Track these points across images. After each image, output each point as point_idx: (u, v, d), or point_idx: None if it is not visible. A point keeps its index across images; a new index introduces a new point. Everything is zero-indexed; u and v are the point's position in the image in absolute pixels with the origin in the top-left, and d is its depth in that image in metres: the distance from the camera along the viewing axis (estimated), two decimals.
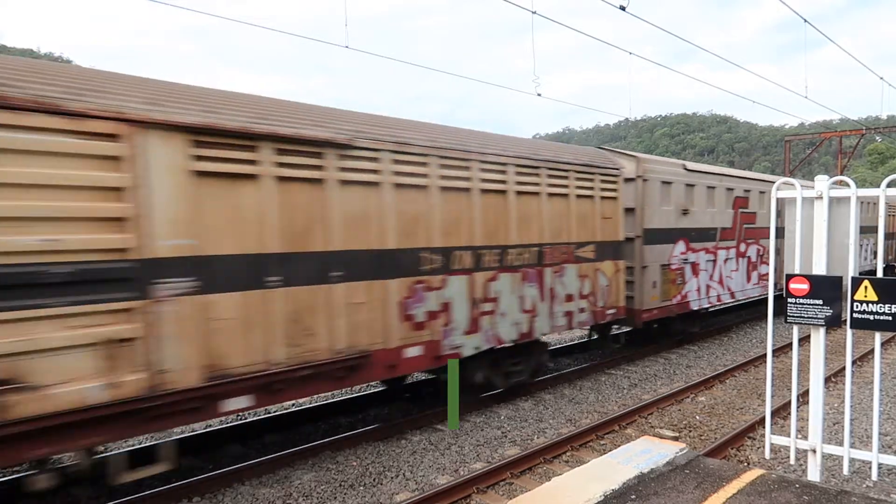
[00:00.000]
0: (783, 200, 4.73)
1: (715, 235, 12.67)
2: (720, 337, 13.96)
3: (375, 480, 6.23)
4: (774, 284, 7.43)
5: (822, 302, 4.47)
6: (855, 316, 4.29)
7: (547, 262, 8.65)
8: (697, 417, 8.27)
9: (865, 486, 5.90)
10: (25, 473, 5.00)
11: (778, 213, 4.92)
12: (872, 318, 4.22)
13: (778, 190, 4.75)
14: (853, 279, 4.31)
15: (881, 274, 4.32)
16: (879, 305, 4.19)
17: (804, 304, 4.54)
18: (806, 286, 4.53)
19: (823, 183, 4.47)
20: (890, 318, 4.15)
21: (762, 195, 14.63)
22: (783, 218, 4.95)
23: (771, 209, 4.83)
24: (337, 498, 5.86)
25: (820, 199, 4.50)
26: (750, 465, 6.54)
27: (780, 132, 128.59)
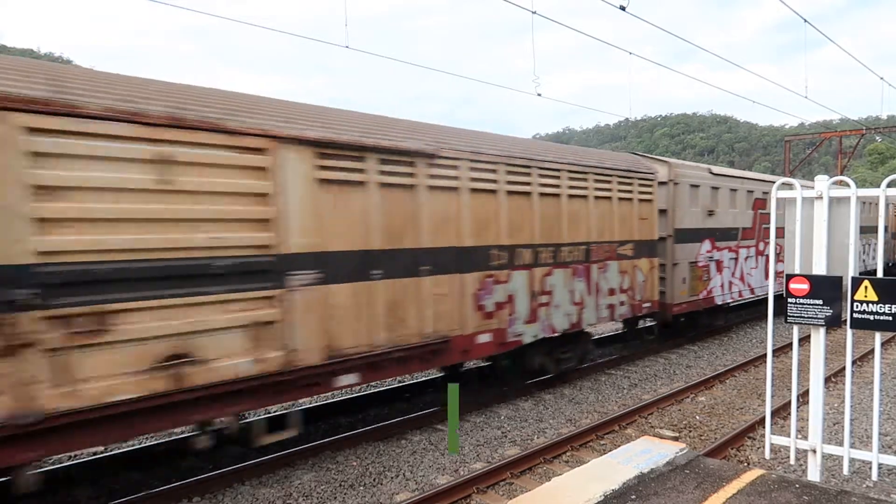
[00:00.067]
0: (783, 200, 4.72)
1: (737, 235, 13.54)
2: (720, 337, 13.93)
3: (375, 480, 6.25)
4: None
5: (822, 302, 4.46)
6: (855, 316, 4.27)
7: (593, 258, 9.50)
8: (697, 417, 8.24)
9: (865, 486, 5.90)
10: (189, 435, 5.83)
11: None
12: (872, 318, 4.20)
13: (778, 190, 4.77)
14: (853, 279, 4.30)
15: (881, 274, 4.30)
16: (879, 305, 4.17)
17: (804, 304, 4.53)
18: (806, 286, 4.52)
19: (823, 183, 4.46)
20: (890, 318, 4.14)
21: None
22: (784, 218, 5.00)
23: (771, 209, 4.85)
24: (337, 498, 5.87)
25: (820, 199, 4.49)
26: (750, 465, 6.52)
27: (780, 132, 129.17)
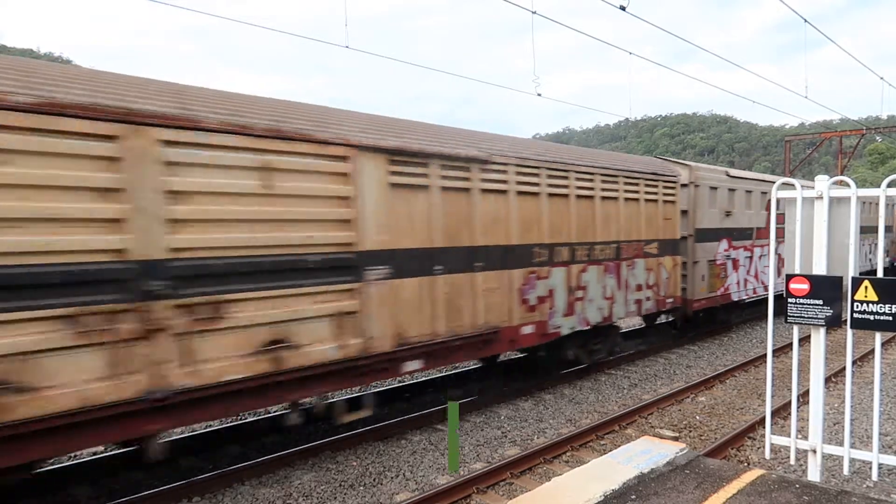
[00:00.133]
0: (783, 200, 4.72)
1: (751, 234, 14.18)
2: (720, 337, 14.00)
3: (375, 480, 6.28)
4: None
5: (822, 302, 4.45)
6: (855, 316, 4.26)
7: (623, 256, 10.14)
8: (697, 417, 8.27)
9: (866, 486, 5.91)
10: (280, 412, 6.45)
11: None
12: (873, 318, 4.19)
13: (778, 190, 4.77)
14: (853, 279, 4.29)
15: (881, 273, 4.31)
16: (880, 305, 4.16)
17: (804, 304, 4.52)
18: (806, 286, 4.51)
19: (823, 183, 4.46)
20: (890, 318, 4.13)
21: None
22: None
23: (771, 209, 4.85)
24: (337, 498, 5.90)
25: (820, 199, 4.49)
26: (750, 465, 6.55)
27: (780, 132, 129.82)
